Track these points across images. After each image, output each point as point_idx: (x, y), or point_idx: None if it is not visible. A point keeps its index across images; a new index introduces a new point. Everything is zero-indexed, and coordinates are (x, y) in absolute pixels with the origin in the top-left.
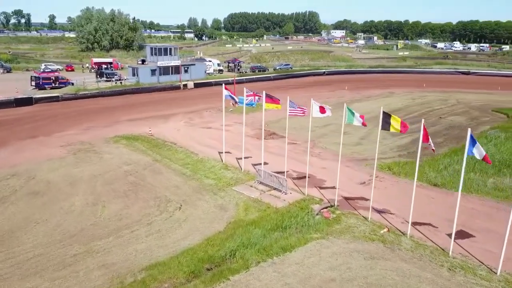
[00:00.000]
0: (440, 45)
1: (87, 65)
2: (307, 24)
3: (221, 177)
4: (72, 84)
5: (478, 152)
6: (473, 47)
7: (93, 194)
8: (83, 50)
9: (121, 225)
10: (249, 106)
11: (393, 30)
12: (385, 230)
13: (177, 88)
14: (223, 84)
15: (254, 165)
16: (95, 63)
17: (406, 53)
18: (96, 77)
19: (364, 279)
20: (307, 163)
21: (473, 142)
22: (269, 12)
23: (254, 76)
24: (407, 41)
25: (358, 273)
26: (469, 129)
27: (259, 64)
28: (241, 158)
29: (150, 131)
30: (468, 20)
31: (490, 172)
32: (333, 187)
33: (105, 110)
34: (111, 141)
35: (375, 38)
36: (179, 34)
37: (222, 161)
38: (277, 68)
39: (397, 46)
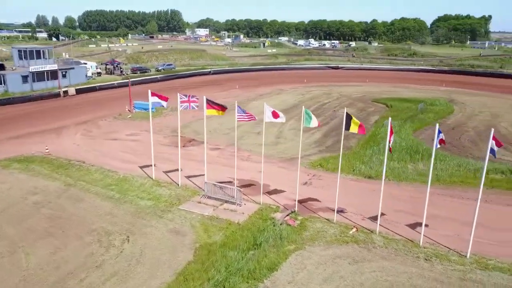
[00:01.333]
0: (300, 42)
1: None
2: (170, 23)
3: (158, 196)
4: None
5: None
6: (327, 44)
7: (4, 240)
8: None
9: (62, 274)
10: (146, 111)
11: (254, 29)
12: (354, 230)
13: (56, 95)
14: (149, 91)
15: (188, 177)
16: None
17: (274, 50)
18: None
19: (360, 286)
20: (245, 169)
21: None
22: (129, 10)
23: (140, 78)
24: (270, 38)
25: (353, 281)
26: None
27: (139, 65)
28: (171, 171)
29: (47, 149)
30: (318, 19)
31: (407, 159)
32: (282, 191)
33: None
34: None
35: (241, 36)
36: (29, 34)
37: (150, 177)
38: (160, 68)
39: (264, 44)
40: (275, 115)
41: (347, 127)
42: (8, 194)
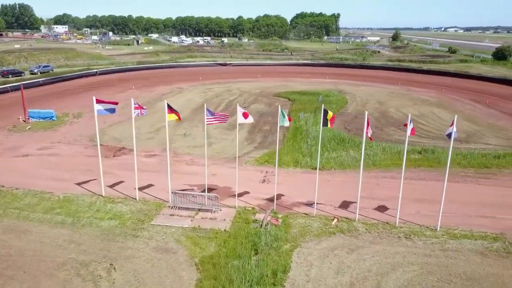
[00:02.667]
0: (174, 39)
1: None
2: (19, 19)
3: (119, 214)
4: None
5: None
6: (201, 40)
7: None
8: None
9: None
10: (45, 120)
11: (119, 25)
12: (335, 220)
13: None
14: (94, 97)
15: (140, 189)
16: None
17: (151, 47)
18: None
19: (369, 272)
20: (202, 173)
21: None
22: None
23: (18, 83)
24: (137, 35)
25: (361, 268)
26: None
27: (9, 68)
28: (116, 185)
29: None
30: (185, 16)
31: (339, 148)
32: (246, 192)
33: None
34: None
35: (110, 33)
36: None
37: (96, 193)
38: (35, 71)
39: (138, 41)
40: (245, 115)
41: (325, 123)
42: None
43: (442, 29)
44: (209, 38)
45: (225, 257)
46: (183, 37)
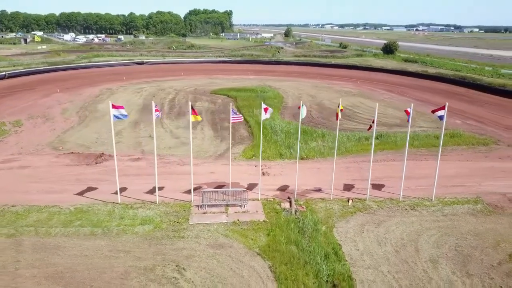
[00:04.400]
0: (67, 37)
1: None
2: None
3: (148, 219)
4: None
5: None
6: (96, 38)
7: None
8: None
9: None
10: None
11: None
12: (350, 201)
13: None
14: (110, 102)
15: (149, 192)
16: None
17: (44, 46)
18: None
19: (403, 240)
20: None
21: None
22: None
23: None
24: (19, 33)
25: (395, 237)
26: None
27: None
28: (121, 191)
29: None
30: (71, 12)
31: (308, 139)
32: (256, 184)
33: None
34: None
35: None
36: None
37: (106, 201)
38: None
39: (26, 39)
40: (266, 110)
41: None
42: None
43: (320, 25)
44: (103, 35)
45: (281, 243)
46: (72, 34)
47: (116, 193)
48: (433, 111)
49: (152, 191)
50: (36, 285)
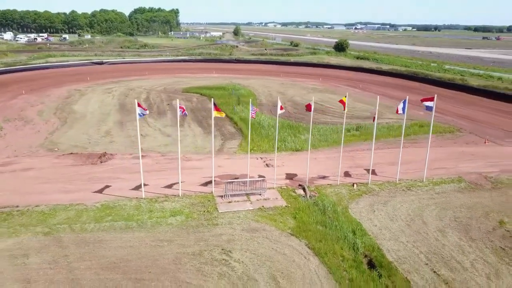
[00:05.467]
0: (7, 36)
1: None
2: None
3: (177, 210)
4: None
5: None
6: (38, 38)
7: None
8: None
9: None
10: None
11: None
12: (355, 185)
13: None
14: (136, 101)
15: (168, 186)
16: None
17: None
18: None
19: (409, 216)
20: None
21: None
22: None
23: None
24: None
25: (403, 214)
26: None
27: None
28: (139, 188)
29: None
30: (6, 9)
31: (294, 133)
32: (263, 176)
33: None
34: None
35: None
36: None
37: (128, 197)
38: None
39: None
40: (281, 108)
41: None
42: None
43: (263, 24)
44: (45, 35)
45: (309, 224)
46: (11, 33)
47: (135, 189)
48: (422, 100)
49: (170, 186)
50: (95, 275)
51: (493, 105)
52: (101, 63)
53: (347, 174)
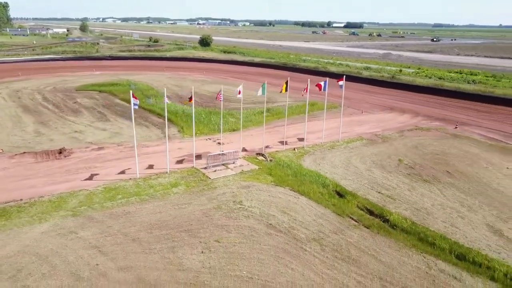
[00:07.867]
0: None
1: None
2: None
3: (174, 183)
4: None
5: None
6: None
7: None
8: None
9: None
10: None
11: None
12: (296, 149)
13: None
14: (131, 91)
15: (150, 167)
16: None
17: None
18: None
19: (343, 163)
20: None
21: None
22: None
23: None
24: None
25: (337, 163)
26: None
27: None
28: (122, 172)
29: None
30: None
31: (216, 119)
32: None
33: None
34: None
35: None
36: None
37: (124, 179)
38: None
39: None
40: (239, 92)
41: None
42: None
43: (101, 19)
44: None
45: (285, 176)
46: None
47: (121, 173)
48: (338, 81)
49: (150, 167)
50: (149, 234)
51: (355, 87)
52: None
53: (282, 142)
